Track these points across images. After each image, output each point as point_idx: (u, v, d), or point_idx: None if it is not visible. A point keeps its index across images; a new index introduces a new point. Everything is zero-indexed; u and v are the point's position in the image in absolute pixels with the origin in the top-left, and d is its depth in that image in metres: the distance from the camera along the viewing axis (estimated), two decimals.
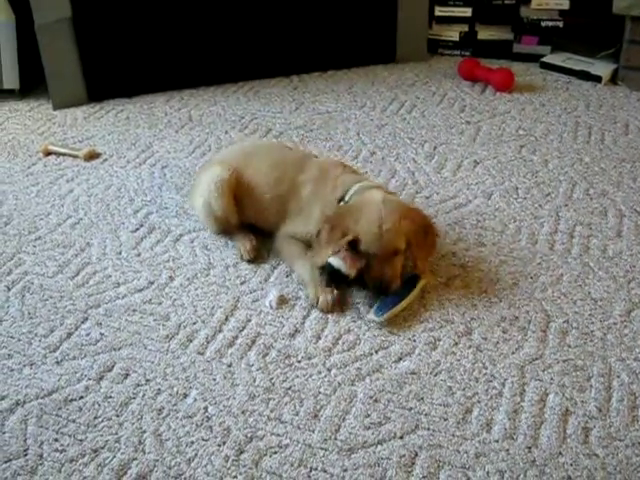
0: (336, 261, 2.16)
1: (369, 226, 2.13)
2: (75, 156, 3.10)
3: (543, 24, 3.86)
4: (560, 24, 3.85)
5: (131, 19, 3.50)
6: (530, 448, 1.74)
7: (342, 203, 2.26)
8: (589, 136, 3.16)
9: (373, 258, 2.16)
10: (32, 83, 3.71)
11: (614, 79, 3.67)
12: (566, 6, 3.84)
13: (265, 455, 1.74)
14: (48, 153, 3.13)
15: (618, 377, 1.93)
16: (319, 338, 2.09)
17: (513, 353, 2.01)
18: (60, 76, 3.51)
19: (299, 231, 2.35)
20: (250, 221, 2.51)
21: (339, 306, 2.20)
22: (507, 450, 1.74)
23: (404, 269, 2.23)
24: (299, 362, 2.01)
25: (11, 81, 3.62)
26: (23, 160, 3.11)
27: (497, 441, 1.76)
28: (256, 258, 2.41)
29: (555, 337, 2.06)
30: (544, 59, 3.84)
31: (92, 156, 3.11)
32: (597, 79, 3.64)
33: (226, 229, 2.50)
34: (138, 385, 1.95)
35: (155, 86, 3.68)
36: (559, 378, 1.93)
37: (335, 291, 2.20)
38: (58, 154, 3.13)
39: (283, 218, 2.42)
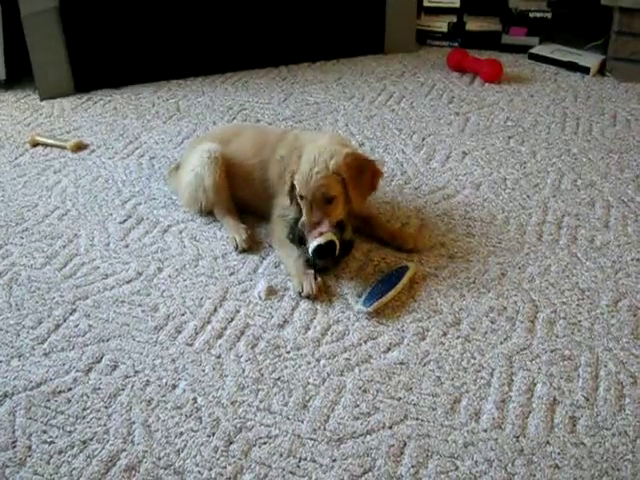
0: (312, 244, 2.18)
1: (302, 168, 2.20)
2: (62, 147, 3.08)
3: (531, 15, 3.87)
4: (549, 15, 3.86)
5: (118, 9, 3.48)
6: (518, 437, 1.75)
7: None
8: (577, 127, 3.17)
9: (306, 203, 2.20)
10: (18, 74, 3.68)
11: (602, 70, 3.68)
12: None
13: (254, 445, 1.74)
14: (35, 144, 3.12)
15: (605, 367, 1.94)
16: (308, 329, 2.09)
17: (501, 343, 2.02)
18: (47, 66, 3.49)
19: (287, 203, 2.36)
20: (238, 197, 2.54)
21: (323, 291, 2.21)
22: (495, 439, 1.75)
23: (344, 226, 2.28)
24: (288, 353, 2.01)
25: None
26: (10, 151, 3.09)
27: (485, 431, 1.77)
28: (250, 248, 2.41)
29: (543, 327, 2.07)
30: (532, 50, 3.85)
31: (79, 147, 3.09)
32: (585, 70, 3.65)
33: (214, 206, 2.52)
34: (127, 376, 1.94)
35: (143, 77, 3.67)
36: (547, 368, 1.94)
37: (318, 278, 2.22)
38: (45, 145, 3.11)
39: (267, 189, 2.46)
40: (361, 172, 2.23)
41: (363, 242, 2.40)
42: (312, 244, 2.17)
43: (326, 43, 3.86)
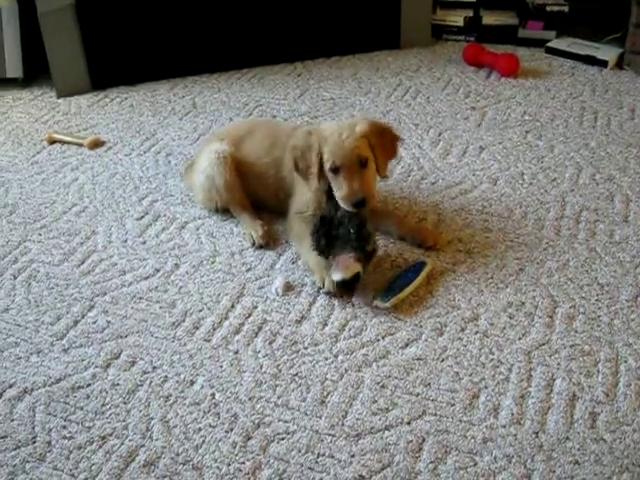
0: (336, 274, 2.14)
1: (331, 140, 2.21)
2: (79, 144, 3.10)
3: (548, 9, 3.84)
4: (565, 9, 3.83)
5: (134, 6, 3.49)
6: (537, 433, 1.74)
7: None
8: (595, 121, 3.15)
9: (343, 171, 2.19)
10: (35, 71, 3.70)
11: (620, 64, 3.64)
12: None
13: (272, 441, 1.74)
14: (52, 141, 3.13)
15: (625, 362, 1.92)
16: (325, 324, 2.09)
17: (520, 339, 2.01)
18: (64, 64, 3.50)
19: (305, 199, 2.36)
20: (253, 196, 2.54)
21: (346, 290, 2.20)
22: (514, 435, 1.74)
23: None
24: (306, 349, 2.01)
25: (14, 69, 3.61)
26: (27, 149, 3.10)
27: (504, 426, 1.76)
28: (267, 244, 2.41)
29: (562, 322, 2.06)
30: (549, 44, 3.82)
31: (96, 144, 3.10)
32: (603, 64, 3.62)
33: (229, 204, 2.53)
34: (145, 372, 1.95)
35: (159, 74, 3.68)
36: (566, 363, 1.93)
37: None
38: (62, 142, 3.13)
39: (282, 187, 2.46)
40: (383, 137, 2.29)
41: (380, 238, 2.39)
42: (337, 275, 2.13)
43: (341, 38, 3.84)
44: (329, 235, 2.18)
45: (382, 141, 2.27)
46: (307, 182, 2.29)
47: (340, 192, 2.21)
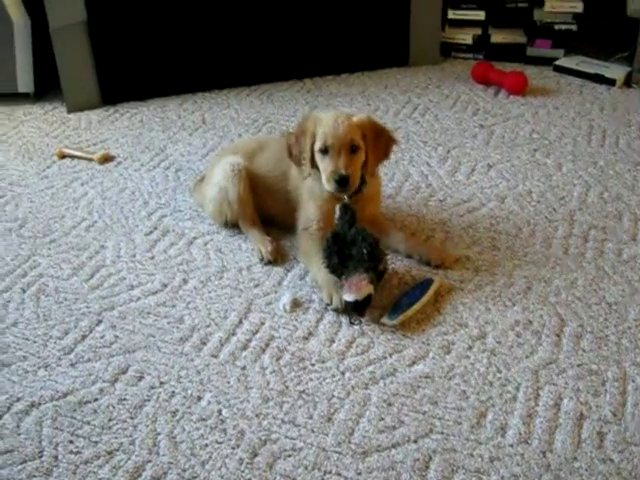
0: (348, 295, 2.11)
1: (326, 122, 2.26)
2: (89, 159, 3.12)
3: (557, 27, 3.87)
4: (574, 27, 3.85)
5: (145, 23, 3.52)
6: (545, 453, 1.73)
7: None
8: (603, 139, 3.15)
9: (332, 151, 2.23)
10: (46, 86, 3.73)
11: (628, 82, 3.66)
12: (580, 9, 3.83)
13: (279, 458, 1.74)
14: (63, 156, 3.15)
15: (633, 381, 1.92)
16: (333, 341, 2.09)
17: (527, 357, 2.01)
18: (74, 79, 3.54)
19: (310, 215, 2.38)
20: (262, 210, 2.56)
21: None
22: (522, 454, 1.73)
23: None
24: (313, 365, 2.01)
25: (26, 84, 3.64)
26: (38, 163, 3.13)
27: (511, 445, 1.75)
28: (276, 260, 2.42)
29: (569, 341, 2.05)
30: (558, 62, 3.83)
31: (106, 159, 3.12)
32: (611, 82, 3.63)
33: (239, 218, 2.53)
34: (152, 388, 1.95)
35: (169, 89, 3.71)
36: (574, 382, 1.92)
37: None
38: (73, 157, 3.15)
39: (289, 201, 2.47)
40: (379, 135, 2.33)
41: (388, 255, 2.37)
42: (349, 296, 2.10)
43: (350, 56, 3.87)
44: (341, 254, 2.18)
45: (377, 139, 2.31)
46: (299, 169, 2.33)
47: (325, 171, 2.25)
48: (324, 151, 2.25)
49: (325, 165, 2.25)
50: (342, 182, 2.22)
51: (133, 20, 3.50)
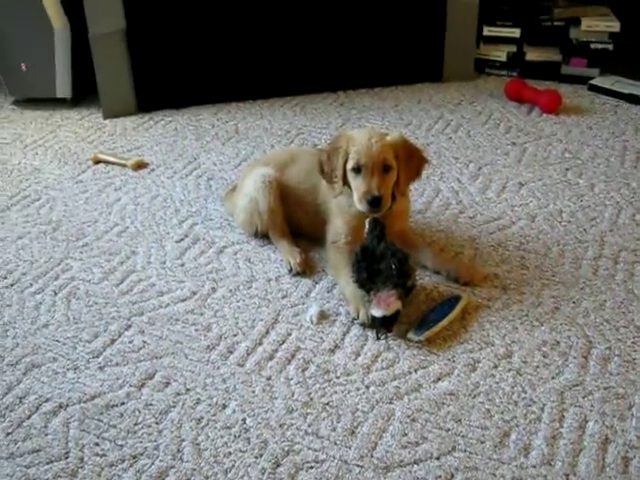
0: (376, 311, 2.11)
1: (359, 141, 2.27)
2: (123, 165, 3.16)
3: (592, 46, 3.84)
4: (610, 46, 3.83)
5: (182, 33, 3.57)
6: (568, 475, 1.72)
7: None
8: (637, 161, 3.13)
9: (365, 171, 2.24)
10: (84, 92, 3.80)
11: None
12: (617, 28, 3.81)
13: (301, 469, 1.75)
14: (97, 161, 3.20)
15: None
16: (358, 355, 2.10)
17: (553, 378, 2.00)
18: (111, 86, 3.59)
19: (338, 228, 2.39)
20: (292, 221, 2.57)
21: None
22: (544, 476, 1.72)
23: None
24: (338, 378, 2.02)
25: (64, 90, 3.71)
26: (73, 168, 3.18)
27: (534, 466, 1.74)
28: (304, 271, 2.44)
29: (596, 364, 2.04)
30: (592, 81, 3.81)
31: (140, 166, 3.16)
32: None
33: (269, 229, 2.55)
34: (178, 394, 1.97)
35: (203, 98, 3.75)
36: (599, 405, 1.91)
37: None
38: (107, 163, 3.20)
39: (319, 213, 2.49)
40: (411, 155, 2.34)
41: (416, 270, 2.39)
42: (377, 312, 2.10)
43: (384, 70, 3.88)
44: (371, 269, 2.19)
45: (409, 159, 2.32)
46: (331, 186, 2.34)
47: (357, 191, 2.26)
48: (357, 170, 2.26)
49: (357, 184, 2.26)
50: (374, 203, 2.23)
51: (170, 30, 3.55)
